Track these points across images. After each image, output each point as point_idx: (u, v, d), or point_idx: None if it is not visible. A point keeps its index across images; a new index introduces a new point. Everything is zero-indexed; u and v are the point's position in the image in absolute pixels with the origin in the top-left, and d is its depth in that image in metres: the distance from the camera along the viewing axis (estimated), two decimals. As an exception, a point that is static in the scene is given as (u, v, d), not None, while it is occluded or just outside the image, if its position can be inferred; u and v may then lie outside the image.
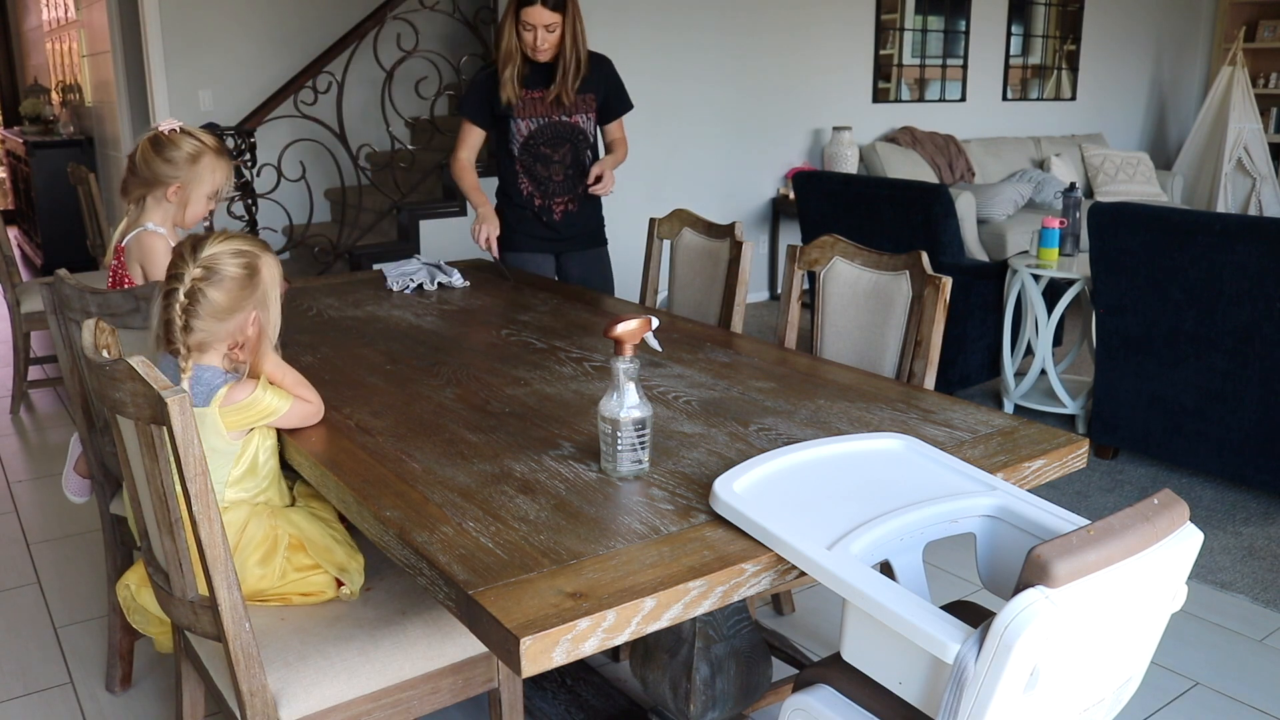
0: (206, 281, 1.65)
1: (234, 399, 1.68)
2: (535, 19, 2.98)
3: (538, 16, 2.97)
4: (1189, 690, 2.35)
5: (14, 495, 3.50)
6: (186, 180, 2.27)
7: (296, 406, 1.73)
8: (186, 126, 2.29)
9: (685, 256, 2.98)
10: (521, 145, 3.19)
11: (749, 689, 1.68)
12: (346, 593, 1.75)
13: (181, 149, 2.25)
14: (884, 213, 4.31)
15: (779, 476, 1.47)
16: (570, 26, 3.03)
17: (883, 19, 6.52)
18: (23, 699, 2.34)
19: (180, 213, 2.30)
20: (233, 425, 1.67)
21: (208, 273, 1.65)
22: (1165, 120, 8.70)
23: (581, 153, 3.23)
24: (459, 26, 5.38)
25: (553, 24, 3.00)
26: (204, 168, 2.28)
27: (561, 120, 3.17)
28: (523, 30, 3.01)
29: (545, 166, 3.21)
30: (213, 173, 2.30)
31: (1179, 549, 1.16)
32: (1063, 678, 1.10)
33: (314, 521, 1.77)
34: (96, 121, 6.89)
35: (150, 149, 2.25)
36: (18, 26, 10.31)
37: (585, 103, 3.19)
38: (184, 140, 2.26)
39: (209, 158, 2.28)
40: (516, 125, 3.17)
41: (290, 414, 1.72)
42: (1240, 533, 3.15)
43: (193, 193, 2.29)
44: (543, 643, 1.11)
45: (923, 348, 2.18)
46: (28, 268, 7.64)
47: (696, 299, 2.91)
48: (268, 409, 1.69)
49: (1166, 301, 3.37)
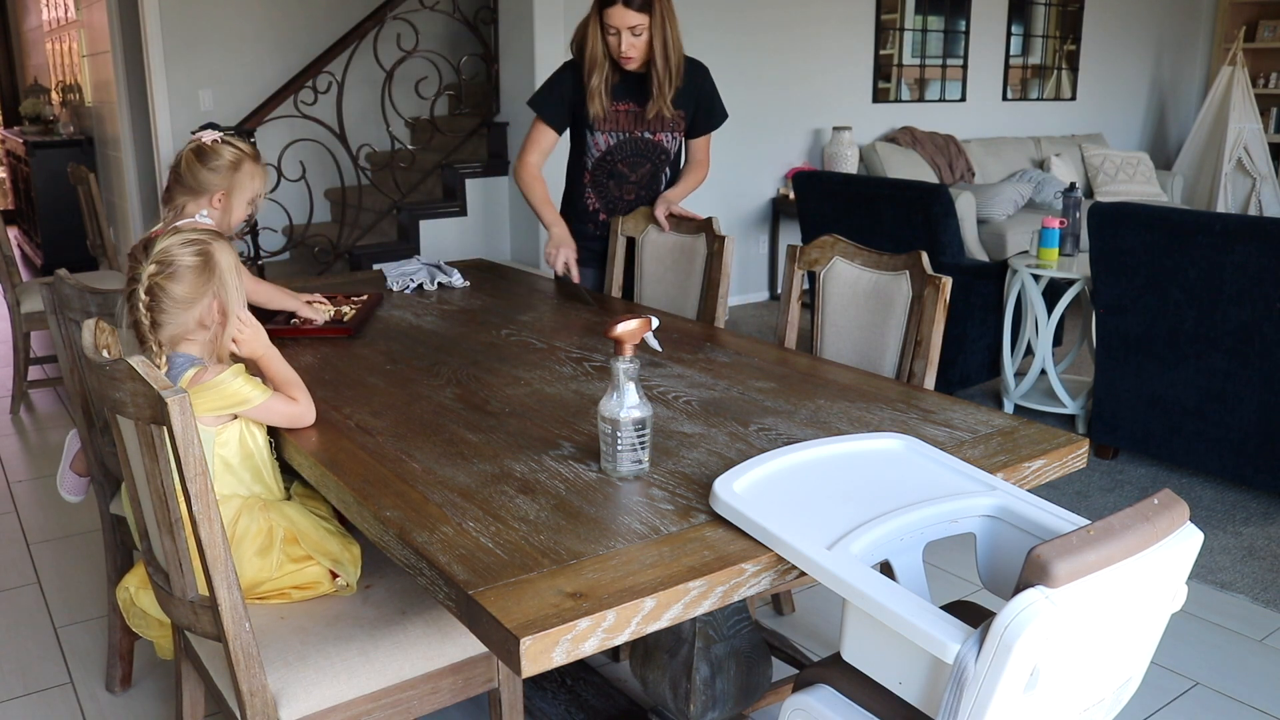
0: (163, 275, 1.67)
1: (200, 379, 1.67)
2: (618, 21, 2.71)
3: (620, 18, 2.70)
4: (1189, 690, 2.35)
5: (14, 495, 3.50)
6: (230, 187, 2.32)
7: (276, 402, 1.72)
8: (226, 136, 2.34)
9: (654, 253, 2.96)
10: (597, 161, 2.96)
11: (749, 689, 1.68)
12: (342, 584, 1.75)
13: (224, 157, 2.30)
14: (884, 213, 4.31)
15: (779, 476, 1.47)
16: (660, 30, 2.74)
17: (883, 19, 6.52)
18: (23, 699, 2.34)
19: (225, 219, 2.34)
20: (202, 409, 1.62)
21: (162, 267, 1.68)
22: (1165, 120, 8.70)
23: (660, 172, 3.00)
24: (459, 26, 5.38)
25: (638, 26, 2.71)
26: (245, 174, 2.33)
27: (644, 137, 2.92)
28: (607, 34, 2.76)
29: (619, 185, 2.99)
30: (252, 179, 2.35)
31: (1179, 549, 1.16)
32: (1063, 678, 1.10)
33: (307, 515, 1.77)
34: (96, 121, 6.89)
35: (194, 159, 2.30)
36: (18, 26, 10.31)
37: (674, 119, 2.92)
38: (225, 149, 2.31)
39: (249, 165, 2.33)
40: (594, 139, 2.93)
41: (267, 408, 1.70)
42: (1240, 533, 3.15)
43: (235, 199, 2.34)
44: (543, 643, 1.11)
45: (923, 348, 2.18)
46: (28, 268, 7.64)
47: (670, 295, 2.91)
48: (237, 395, 1.67)
49: (1166, 301, 3.37)
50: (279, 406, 1.73)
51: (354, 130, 5.18)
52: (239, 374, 1.69)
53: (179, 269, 1.68)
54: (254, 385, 1.70)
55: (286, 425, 1.75)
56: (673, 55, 2.78)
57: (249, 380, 1.69)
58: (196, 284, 1.70)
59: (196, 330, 1.72)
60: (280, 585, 1.72)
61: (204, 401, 1.64)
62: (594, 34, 2.77)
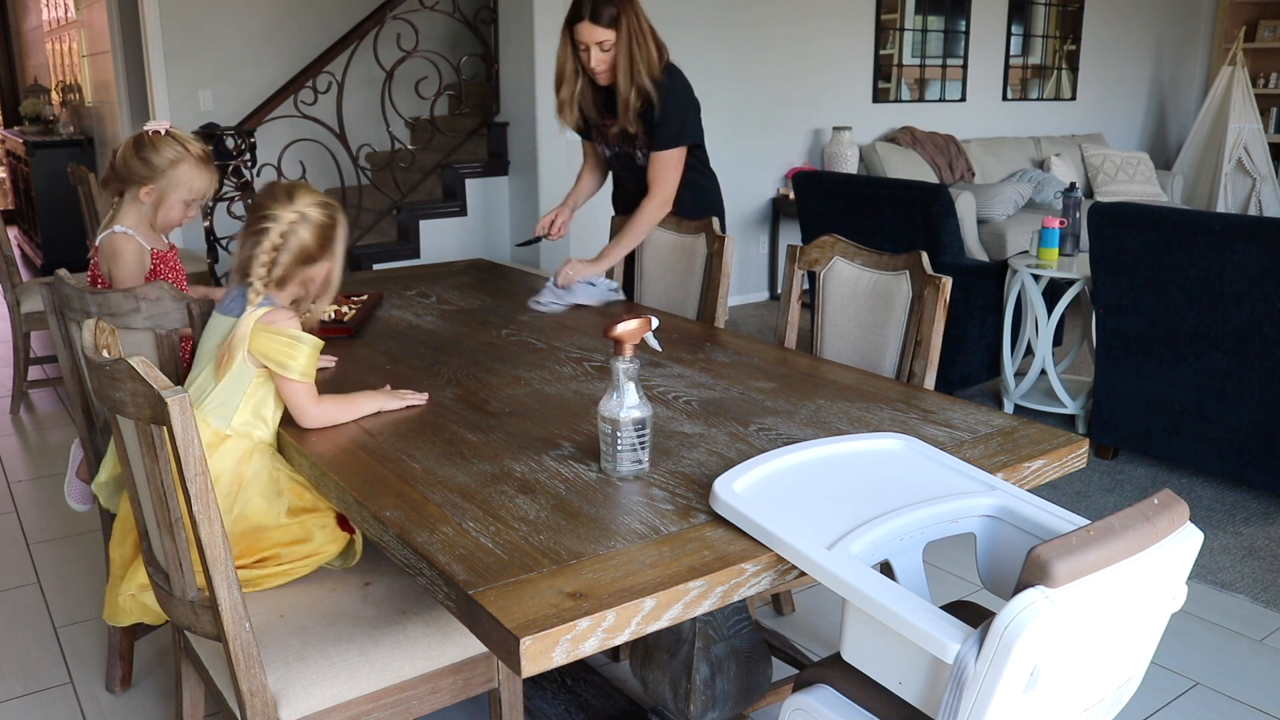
0: (300, 224, 1.76)
1: (275, 320, 1.73)
2: (585, 36, 2.71)
3: (587, 33, 2.70)
4: (1189, 690, 2.35)
5: (14, 495, 3.49)
6: (161, 184, 2.25)
7: (308, 388, 1.74)
8: (175, 130, 2.26)
9: (655, 253, 2.97)
10: (607, 167, 3.09)
11: (749, 689, 1.68)
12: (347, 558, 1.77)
13: (161, 153, 2.23)
14: (884, 213, 4.31)
15: (779, 476, 1.47)
16: (626, 47, 2.70)
17: (883, 19, 6.52)
18: (23, 699, 2.34)
19: (153, 214, 2.28)
20: (256, 349, 1.71)
21: (301, 217, 1.77)
22: (1165, 120, 8.71)
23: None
24: (459, 26, 5.39)
25: (605, 42, 2.70)
26: (181, 174, 2.25)
27: (627, 151, 2.93)
28: (578, 50, 2.76)
29: (625, 194, 3.05)
30: (191, 181, 2.27)
31: (1179, 549, 1.16)
32: (1063, 678, 1.10)
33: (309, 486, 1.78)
34: (96, 121, 6.89)
35: (130, 148, 2.24)
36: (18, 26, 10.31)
37: (641, 137, 2.86)
38: (166, 144, 2.24)
39: (188, 165, 2.25)
40: (601, 150, 3.02)
41: (299, 388, 1.73)
42: (1240, 533, 3.15)
43: (167, 197, 2.27)
44: (543, 643, 1.11)
45: (923, 348, 2.18)
46: (28, 268, 7.64)
47: (670, 295, 2.91)
48: (294, 357, 1.71)
49: (1166, 301, 3.37)
50: (305, 393, 1.75)
51: (354, 130, 5.18)
52: (314, 348, 1.74)
53: (312, 224, 1.78)
54: (311, 364, 1.74)
55: (294, 410, 1.76)
56: (639, 74, 2.71)
57: (311, 359, 1.74)
58: (322, 242, 1.80)
59: (297, 284, 1.80)
60: (281, 540, 1.72)
61: (263, 341, 1.71)
62: (563, 49, 2.79)
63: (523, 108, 5.04)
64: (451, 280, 3.07)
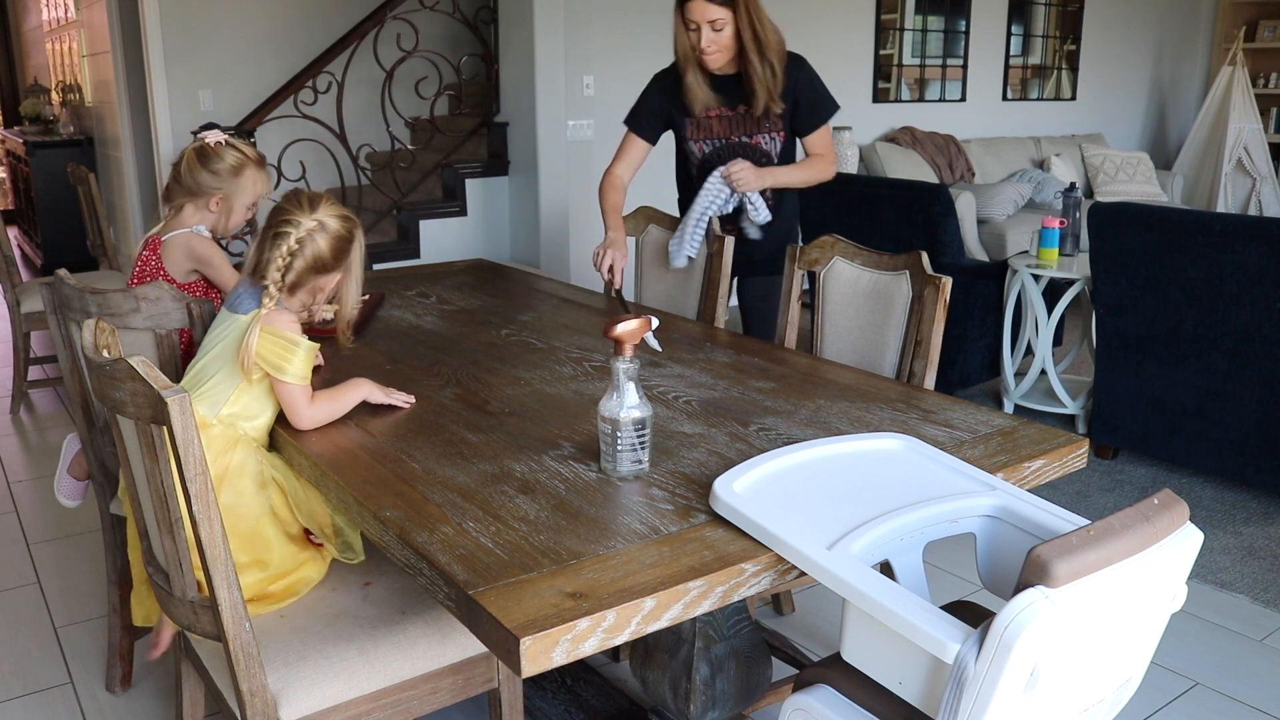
0: (318, 232, 1.79)
1: (275, 321, 1.74)
2: (697, 15, 2.56)
3: (700, 12, 2.55)
4: (1189, 690, 2.35)
5: (14, 495, 3.50)
6: (229, 191, 2.32)
7: (301, 389, 1.74)
8: (231, 139, 2.33)
9: (653, 252, 2.97)
10: (699, 168, 2.83)
11: (749, 689, 1.68)
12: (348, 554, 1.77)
13: (225, 161, 2.30)
14: (884, 213, 4.31)
15: (779, 476, 1.47)
16: (747, 23, 2.57)
17: (883, 19, 6.52)
18: (23, 699, 2.34)
19: (223, 221, 2.34)
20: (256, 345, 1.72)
21: (320, 226, 1.79)
22: (1165, 120, 8.70)
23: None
24: (459, 26, 5.38)
25: (719, 20, 2.56)
26: (246, 180, 2.33)
27: (740, 142, 2.77)
28: (689, 30, 2.61)
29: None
30: (254, 184, 2.35)
31: (1179, 549, 1.16)
32: (1063, 678, 1.10)
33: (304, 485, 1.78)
34: (96, 121, 6.88)
35: (196, 160, 2.30)
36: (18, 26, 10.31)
37: (770, 120, 2.75)
38: (228, 153, 2.31)
39: (251, 170, 2.33)
40: (692, 148, 2.83)
41: (294, 390, 1.73)
42: (1240, 533, 3.15)
43: (235, 203, 2.34)
44: (543, 643, 1.11)
45: (923, 348, 2.18)
46: (28, 268, 7.64)
47: (670, 295, 2.91)
48: (288, 357, 1.71)
49: (1166, 301, 3.37)
50: (300, 395, 1.75)
51: (354, 130, 5.17)
52: (309, 351, 1.75)
53: (330, 234, 1.80)
54: (306, 367, 1.75)
55: (289, 412, 1.76)
56: (770, 50, 2.62)
57: (306, 362, 1.74)
58: (338, 253, 1.82)
59: (310, 293, 1.84)
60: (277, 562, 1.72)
61: (262, 342, 1.72)
62: (679, 31, 2.65)
63: (523, 108, 5.03)
64: (451, 280, 3.07)
